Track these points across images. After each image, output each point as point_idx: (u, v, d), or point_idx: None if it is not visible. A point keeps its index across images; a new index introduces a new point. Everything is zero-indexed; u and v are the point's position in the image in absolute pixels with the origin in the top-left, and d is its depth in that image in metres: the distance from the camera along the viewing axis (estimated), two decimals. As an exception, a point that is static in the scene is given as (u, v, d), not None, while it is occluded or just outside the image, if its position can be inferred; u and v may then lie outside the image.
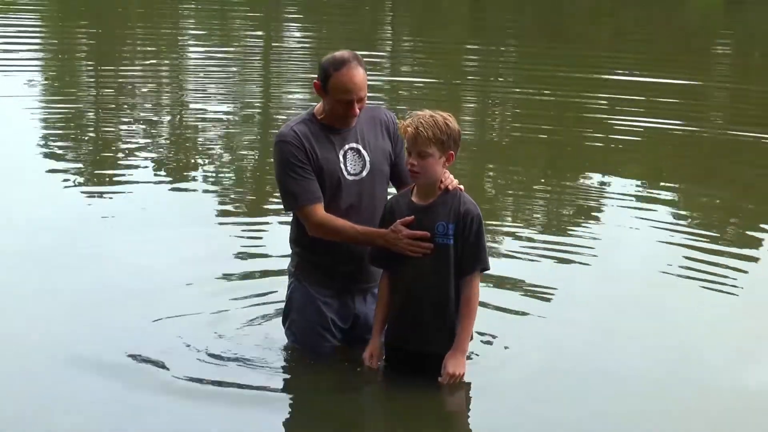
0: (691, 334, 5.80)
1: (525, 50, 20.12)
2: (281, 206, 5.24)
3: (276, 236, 6.86)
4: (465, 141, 10.55)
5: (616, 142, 11.24)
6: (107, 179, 8.84)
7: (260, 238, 7.18)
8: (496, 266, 6.27)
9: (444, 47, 20.03)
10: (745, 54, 20.79)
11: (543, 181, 9.62)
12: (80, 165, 9.42)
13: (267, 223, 7.63)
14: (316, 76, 4.83)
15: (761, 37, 22.54)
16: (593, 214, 8.41)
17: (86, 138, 10.65)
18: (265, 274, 6.31)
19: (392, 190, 5.07)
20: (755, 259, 7.27)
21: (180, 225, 7.41)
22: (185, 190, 8.66)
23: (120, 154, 9.80)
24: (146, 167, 9.25)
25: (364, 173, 4.88)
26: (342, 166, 4.84)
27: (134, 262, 6.50)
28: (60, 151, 9.91)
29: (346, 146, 4.86)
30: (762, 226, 8.21)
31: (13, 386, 4.86)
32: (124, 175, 8.92)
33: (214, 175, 9.31)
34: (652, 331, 5.75)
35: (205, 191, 8.60)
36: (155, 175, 9.05)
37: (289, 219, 5.10)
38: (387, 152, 4.95)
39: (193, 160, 9.85)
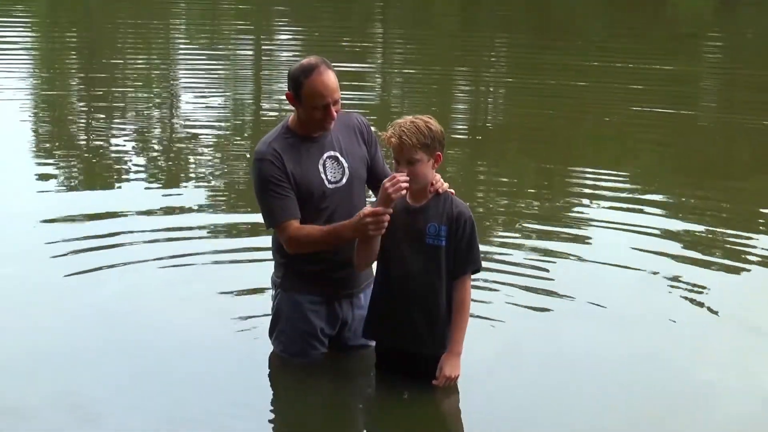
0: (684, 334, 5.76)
1: (516, 41, 20.11)
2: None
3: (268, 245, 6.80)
4: (456, 132, 10.71)
5: (610, 129, 11.26)
6: (96, 183, 8.80)
7: (250, 246, 7.02)
8: (489, 266, 6.26)
9: (435, 38, 20.00)
10: (737, 44, 20.80)
11: (535, 173, 9.61)
12: (68, 168, 9.39)
13: (260, 227, 7.55)
14: (287, 87, 4.78)
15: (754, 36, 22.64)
16: (585, 207, 8.32)
17: (75, 139, 10.60)
18: (255, 282, 6.14)
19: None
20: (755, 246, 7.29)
21: (169, 231, 7.32)
22: (175, 195, 8.50)
23: (109, 159, 9.74)
24: (136, 171, 9.20)
25: (344, 180, 4.86)
26: (323, 176, 4.81)
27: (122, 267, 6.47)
28: (48, 155, 9.87)
29: (325, 155, 4.83)
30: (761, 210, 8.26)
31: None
32: (113, 177, 8.92)
33: (204, 180, 9.14)
34: (647, 335, 5.70)
35: (195, 196, 8.49)
36: (145, 179, 8.98)
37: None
38: (364, 157, 4.94)
39: (183, 164, 9.73)
